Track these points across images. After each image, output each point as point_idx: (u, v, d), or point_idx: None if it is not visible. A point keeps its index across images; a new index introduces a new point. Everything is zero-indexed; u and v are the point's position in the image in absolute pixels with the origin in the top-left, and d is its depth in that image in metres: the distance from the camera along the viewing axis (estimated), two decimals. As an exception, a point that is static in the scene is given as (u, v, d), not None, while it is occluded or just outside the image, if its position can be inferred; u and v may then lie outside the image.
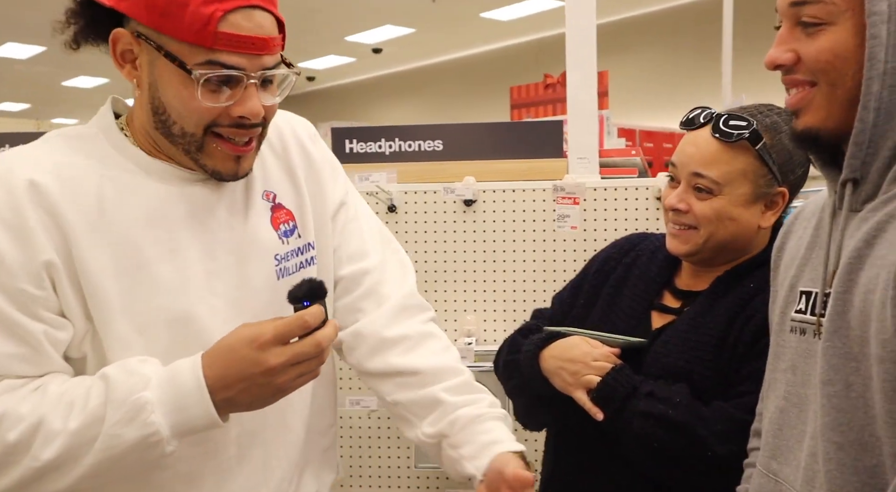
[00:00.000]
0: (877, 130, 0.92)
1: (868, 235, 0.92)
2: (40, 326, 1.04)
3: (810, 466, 0.97)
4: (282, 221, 1.22)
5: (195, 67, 1.03)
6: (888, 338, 0.87)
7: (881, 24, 0.89)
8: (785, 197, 1.39)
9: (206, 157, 1.11)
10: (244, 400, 1.04)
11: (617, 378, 1.35)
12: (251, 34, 1.03)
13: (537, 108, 5.76)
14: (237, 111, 1.06)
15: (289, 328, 1.01)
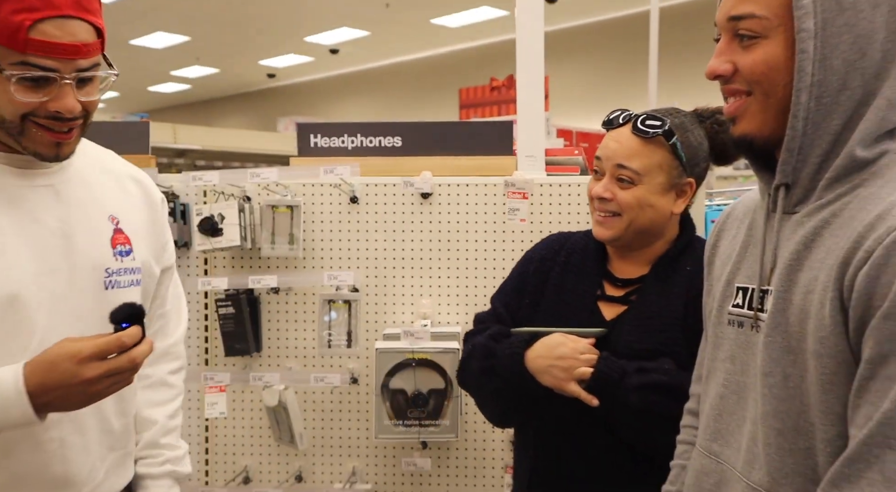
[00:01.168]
0: (806, 139, 0.91)
1: (806, 238, 0.92)
2: None
3: (751, 449, 0.97)
4: (119, 243, 1.28)
5: (7, 67, 1.07)
6: (825, 335, 0.87)
7: (809, 39, 0.88)
8: (692, 186, 1.46)
9: (27, 141, 1.14)
10: (61, 404, 1.09)
11: (607, 365, 1.37)
12: (62, 41, 1.08)
13: (484, 108, 5.78)
14: (52, 107, 1.11)
15: (107, 346, 1.07)
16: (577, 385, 1.37)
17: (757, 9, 0.92)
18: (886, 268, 0.81)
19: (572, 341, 1.40)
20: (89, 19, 1.11)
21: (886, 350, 0.81)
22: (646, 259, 1.49)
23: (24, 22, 1.04)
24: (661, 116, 1.41)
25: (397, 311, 2.17)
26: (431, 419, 2.02)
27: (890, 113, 0.90)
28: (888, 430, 0.80)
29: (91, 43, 1.11)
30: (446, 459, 2.17)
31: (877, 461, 0.80)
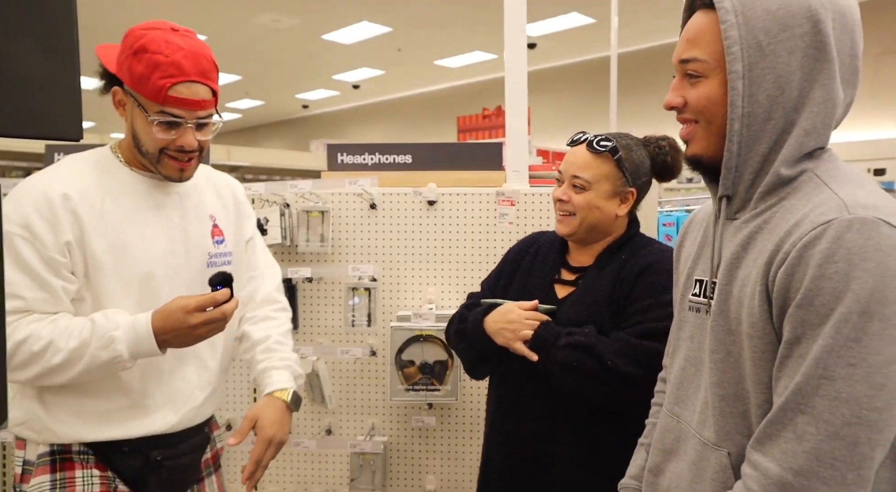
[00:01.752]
0: (740, 159, 0.91)
1: (743, 241, 0.92)
2: (60, 282, 1.25)
3: (703, 411, 0.97)
4: (216, 234, 1.47)
5: (153, 115, 1.27)
6: (755, 321, 0.87)
7: (738, 79, 0.88)
8: (633, 195, 1.49)
9: (161, 167, 1.34)
10: (176, 342, 1.26)
11: (546, 328, 1.40)
12: (188, 98, 1.27)
13: (477, 132, 5.76)
14: (178, 143, 1.30)
15: (205, 301, 1.25)
16: (521, 344, 1.40)
17: (699, 54, 0.93)
18: (798, 267, 0.82)
19: (520, 310, 1.44)
20: (208, 84, 1.30)
21: (799, 333, 0.82)
22: (595, 251, 1.52)
23: (165, 84, 1.24)
24: (610, 137, 1.45)
25: (408, 296, 2.16)
26: (436, 385, 2.01)
27: (807, 139, 0.89)
28: (799, 397, 0.81)
29: (208, 100, 1.30)
30: (448, 417, 2.15)
31: (791, 423, 0.81)
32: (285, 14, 8.13)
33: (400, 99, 13.37)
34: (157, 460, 1.35)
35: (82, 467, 1.31)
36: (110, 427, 1.31)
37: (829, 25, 0.86)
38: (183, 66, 1.24)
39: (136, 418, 1.33)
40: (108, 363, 1.23)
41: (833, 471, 0.77)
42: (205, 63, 1.28)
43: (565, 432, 1.40)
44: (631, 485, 1.17)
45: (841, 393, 0.78)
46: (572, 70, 10.54)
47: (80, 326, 1.23)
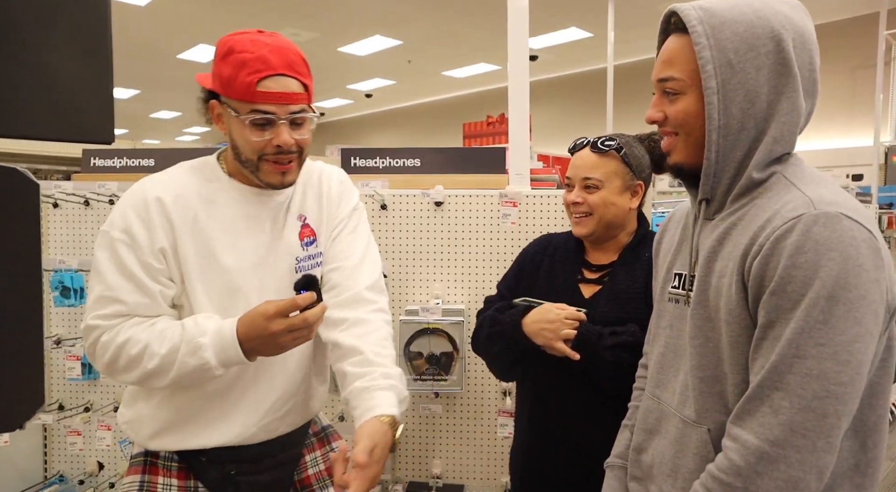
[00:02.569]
0: (718, 166, 0.94)
1: (719, 237, 0.95)
2: (158, 287, 1.18)
3: (683, 392, 0.99)
4: (306, 235, 1.30)
5: (244, 114, 1.15)
6: (732, 308, 0.90)
7: (713, 94, 0.91)
8: (642, 187, 1.45)
9: (261, 174, 1.20)
10: (260, 350, 1.13)
11: (588, 328, 1.34)
12: (278, 91, 1.13)
13: (482, 138, 5.72)
14: (275, 142, 1.16)
15: (286, 307, 1.10)
16: (563, 344, 1.34)
17: (676, 73, 0.96)
18: (772, 257, 0.84)
19: (559, 310, 1.37)
20: (297, 77, 1.16)
21: (773, 318, 0.84)
22: (614, 248, 1.47)
23: (252, 79, 1.12)
24: (611, 137, 1.43)
25: (416, 292, 2.14)
26: (442, 375, 1.99)
27: (775, 146, 0.92)
28: (775, 375, 0.83)
29: (299, 93, 1.16)
30: (453, 405, 2.13)
31: (767, 398, 0.84)
32: (304, 28, 8.12)
33: (410, 107, 13.35)
34: (231, 474, 1.24)
35: (164, 474, 1.25)
36: (188, 436, 1.22)
37: (790, 44, 0.90)
38: (269, 60, 1.13)
39: (212, 426, 1.22)
40: (198, 370, 1.13)
41: (805, 440, 0.81)
42: (292, 56, 1.15)
43: (604, 426, 1.33)
44: (616, 463, 1.18)
45: (812, 370, 0.81)
46: (571, 81, 10.49)
47: (173, 330, 1.14)
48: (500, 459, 2.12)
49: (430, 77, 10.90)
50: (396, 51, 9.16)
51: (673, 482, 0.98)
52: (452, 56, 9.58)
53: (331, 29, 8.14)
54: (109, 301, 1.16)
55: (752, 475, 0.83)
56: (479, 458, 2.13)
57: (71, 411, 2.25)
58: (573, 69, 10.31)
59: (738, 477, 0.84)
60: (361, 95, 12.41)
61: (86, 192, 2.22)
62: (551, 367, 1.39)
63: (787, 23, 0.90)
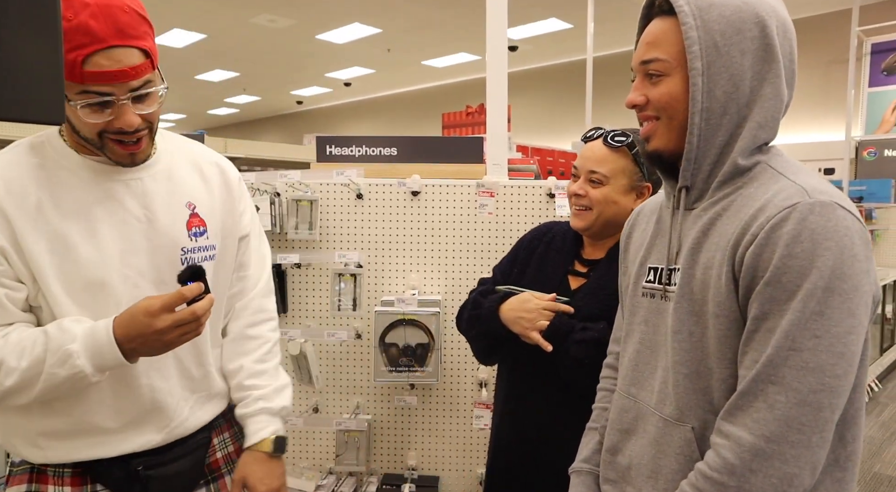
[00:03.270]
0: (700, 151, 0.91)
1: (704, 227, 0.91)
2: (2, 290, 1.02)
3: (663, 390, 0.96)
4: (194, 225, 1.17)
5: (73, 97, 0.97)
6: (721, 300, 0.87)
7: (698, 75, 0.88)
8: (649, 189, 1.40)
9: (107, 152, 1.06)
10: (143, 350, 1.02)
11: (560, 321, 1.33)
12: (111, 69, 0.96)
13: (461, 128, 5.69)
14: (116, 125, 1.01)
15: (172, 300, 1.00)
16: (537, 334, 1.33)
17: (661, 54, 0.92)
18: (766, 247, 0.82)
19: (538, 300, 1.35)
20: (134, 44, 0.97)
21: (767, 309, 0.82)
22: (608, 245, 1.43)
23: (77, 57, 0.93)
24: (626, 133, 1.36)
25: (392, 282, 2.11)
26: (418, 367, 1.97)
27: (760, 132, 0.90)
28: (770, 369, 0.80)
29: (138, 65, 0.98)
30: (429, 397, 2.11)
31: (762, 393, 0.81)
32: (281, 15, 7.98)
33: (389, 96, 13.24)
34: (137, 470, 1.12)
35: (55, 483, 1.10)
36: (83, 447, 1.09)
37: (774, 30, 0.89)
38: (94, 29, 0.93)
39: (113, 437, 1.10)
40: (70, 379, 0.99)
41: (800, 435, 0.79)
42: (123, 17, 0.95)
43: (574, 421, 1.30)
44: (584, 468, 1.13)
45: (808, 363, 0.78)
46: (550, 72, 10.49)
47: (33, 340, 1.00)
48: (476, 450, 2.11)
49: (409, 66, 10.81)
50: (375, 39, 9.06)
51: (654, 484, 0.94)
52: (432, 45, 9.50)
53: (308, 16, 8.00)
54: None
55: (746, 473, 0.80)
56: (454, 449, 2.12)
57: None
58: (553, 60, 10.30)
59: (731, 475, 0.81)
60: (340, 84, 12.27)
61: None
62: (526, 356, 1.37)
63: (772, 11, 0.90)
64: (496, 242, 2.07)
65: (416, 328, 1.97)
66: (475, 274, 2.08)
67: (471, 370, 2.09)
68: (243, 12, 7.86)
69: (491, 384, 2.06)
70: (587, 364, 1.26)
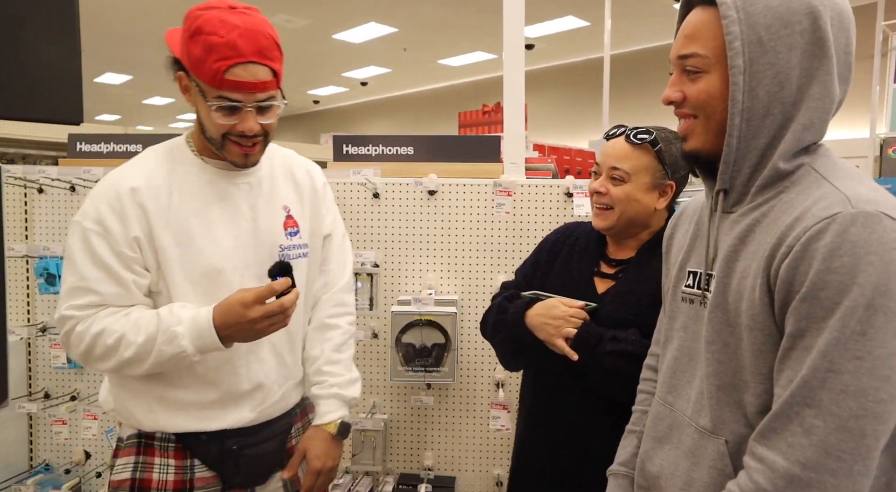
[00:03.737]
0: (739, 153, 0.86)
1: (741, 234, 0.87)
2: (131, 276, 1.18)
3: (699, 400, 0.92)
4: (290, 226, 1.32)
5: (211, 100, 1.14)
6: (756, 313, 0.82)
7: (739, 74, 0.83)
8: (672, 188, 1.36)
9: (225, 152, 1.21)
10: (237, 337, 1.16)
11: (588, 329, 1.29)
12: (246, 80, 1.12)
13: (478, 127, 5.68)
14: (238, 128, 1.17)
15: (263, 293, 1.13)
16: (563, 341, 1.29)
17: (700, 49, 0.87)
18: (803, 261, 0.77)
19: (565, 306, 1.32)
20: (267, 64, 1.14)
21: (803, 326, 0.77)
22: (635, 245, 1.39)
23: (221, 67, 1.10)
24: (649, 130, 1.33)
25: (409, 282, 2.10)
26: (434, 367, 1.96)
27: (804, 134, 0.84)
28: (805, 391, 0.76)
29: (267, 81, 1.14)
30: (445, 397, 2.11)
31: (797, 416, 0.76)
32: (298, 15, 8.01)
33: (405, 95, 13.25)
34: (232, 448, 1.27)
35: (161, 455, 1.25)
36: (188, 419, 1.24)
37: (827, 23, 0.82)
38: (239, 46, 1.10)
39: (214, 411, 1.25)
40: (175, 358, 1.15)
41: (840, 463, 0.74)
42: (263, 41, 1.12)
43: (602, 428, 1.29)
44: (621, 471, 1.11)
45: (848, 386, 0.74)
46: (567, 70, 10.42)
47: (148, 320, 1.16)
48: (492, 451, 2.10)
49: (425, 65, 10.80)
50: (392, 38, 9.06)
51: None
52: (448, 44, 9.49)
53: (325, 16, 8.03)
54: (83, 292, 1.17)
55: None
56: (470, 450, 2.11)
57: (56, 399, 2.21)
58: (569, 58, 10.23)
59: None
60: (356, 83, 12.31)
61: (71, 177, 2.17)
62: (553, 363, 1.34)
63: (827, 0, 0.83)
64: (513, 242, 2.06)
65: (433, 328, 1.96)
66: (492, 274, 2.07)
67: (488, 371, 2.08)
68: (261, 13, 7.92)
69: (508, 385, 2.05)
70: (620, 376, 1.23)
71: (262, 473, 1.33)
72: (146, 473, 1.24)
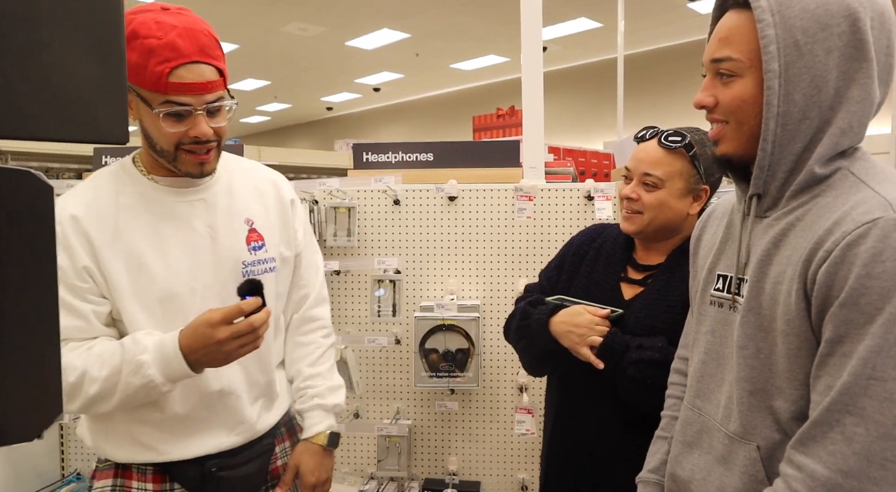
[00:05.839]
0: (773, 158, 0.85)
1: (775, 238, 0.86)
2: (89, 306, 1.11)
3: (728, 405, 0.92)
4: (253, 239, 1.24)
5: (157, 107, 1.07)
6: (791, 318, 0.81)
7: (774, 78, 0.82)
8: (707, 192, 1.32)
9: (179, 163, 1.15)
10: (206, 360, 1.09)
11: (614, 338, 1.27)
12: (192, 81, 1.06)
13: (492, 131, 5.68)
14: (192, 133, 1.10)
15: (230, 312, 1.06)
16: (588, 350, 1.28)
17: (734, 53, 0.86)
18: (842, 266, 0.76)
19: (590, 314, 1.30)
20: (212, 63, 1.09)
21: (843, 332, 0.76)
22: (665, 250, 1.35)
23: (163, 70, 1.04)
24: (682, 133, 1.29)
25: (431, 288, 2.12)
26: (458, 372, 1.97)
27: (842, 139, 0.83)
28: (846, 398, 0.75)
29: (214, 81, 1.10)
30: (469, 402, 2.11)
31: (837, 424, 0.75)
32: (312, 23, 8.09)
33: (418, 100, 13.30)
34: (212, 471, 1.21)
35: (139, 479, 1.20)
36: (163, 450, 1.18)
37: (867, 24, 0.80)
38: (179, 46, 1.04)
39: (188, 439, 1.19)
40: (144, 388, 1.08)
41: (884, 471, 0.73)
42: (204, 39, 1.07)
43: (630, 434, 1.28)
44: (651, 479, 1.10)
45: (892, 393, 0.73)
46: (581, 71, 10.40)
47: (112, 352, 1.08)
48: (517, 455, 2.11)
49: (438, 70, 10.84)
50: (404, 44, 9.11)
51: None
52: (460, 49, 9.52)
53: (338, 23, 8.10)
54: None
55: None
56: (495, 455, 2.11)
57: (87, 409, 2.25)
58: (583, 60, 10.22)
59: None
60: (369, 89, 12.37)
61: (98, 190, 2.21)
62: (579, 370, 1.33)
63: (866, 0, 0.81)
64: (534, 246, 2.06)
65: (456, 333, 1.97)
66: (514, 278, 2.08)
67: (511, 375, 2.09)
68: (274, 22, 8.00)
69: (532, 389, 2.06)
70: (648, 384, 1.21)
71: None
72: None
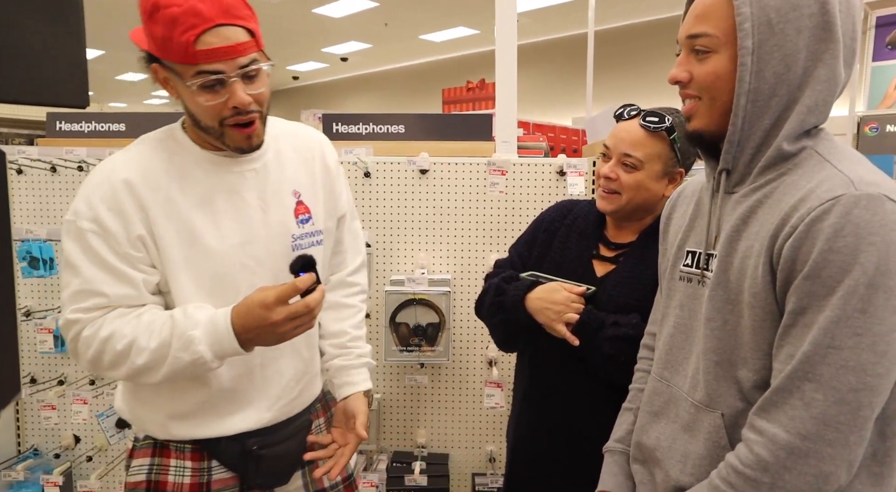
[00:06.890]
0: (743, 133, 0.88)
1: (744, 215, 0.89)
2: (140, 275, 1.08)
3: (695, 376, 0.95)
4: (301, 212, 1.21)
5: (190, 79, 1.02)
6: (757, 291, 0.85)
7: (747, 55, 0.84)
8: (682, 175, 1.34)
9: (227, 139, 1.10)
10: (259, 341, 1.06)
11: (590, 315, 1.28)
12: (221, 45, 1.00)
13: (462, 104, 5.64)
14: (230, 103, 1.05)
15: (286, 292, 1.02)
16: (563, 326, 1.29)
17: (709, 29, 0.88)
18: (806, 240, 0.79)
19: (566, 291, 1.31)
20: (239, 23, 1.02)
21: (805, 304, 0.80)
22: (637, 229, 1.37)
23: (189, 38, 0.98)
24: (662, 113, 1.29)
25: (401, 262, 2.10)
26: (428, 346, 1.97)
27: (808, 116, 0.86)
28: (807, 366, 0.79)
29: (245, 42, 1.02)
30: (439, 376, 2.12)
31: (798, 390, 0.79)
32: (276, -13, 7.83)
33: (386, 71, 13.08)
34: (253, 449, 1.19)
35: (177, 457, 1.18)
36: (203, 426, 1.16)
37: (836, 7, 0.83)
38: (202, 10, 0.98)
39: (228, 416, 1.17)
40: (192, 364, 1.05)
41: (838, 433, 0.77)
42: (227, 0, 1.01)
43: (600, 409, 1.28)
44: (617, 448, 1.13)
45: (848, 361, 0.77)
46: (551, 46, 10.35)
47: (162, 323, 1.05)
48: (485, 428, 2.13)
49: (407, 41, 10.65)
50: (373, 13, 8.90)
51: (682, 468, 0.94)
52: (430, 19, 9.35)
53: (305, -12, 7.86)
54: (89, 294, 1.06)
55: (780, 471, 0.79)
56: (464, 427, 2.13)
57: (44, 384, 2.18)
58: (554, 34, 10.16)
59: (765, 472, 0.80)
60: (337, 59, 12.10)
61: (52, 158, 2.11)
62: (552, 346, 1.34)
63: None
64: (506, 221, 2.06)
65: (427, 308, 1.96)
66: (485, 253, 2.07)
67: (481, 349, 2.10)
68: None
69: (501, 363, 2.07)
70: (622, 361, 1.23)
71: (283, 473, 1.27)
72: (161, 475, 1.18)
